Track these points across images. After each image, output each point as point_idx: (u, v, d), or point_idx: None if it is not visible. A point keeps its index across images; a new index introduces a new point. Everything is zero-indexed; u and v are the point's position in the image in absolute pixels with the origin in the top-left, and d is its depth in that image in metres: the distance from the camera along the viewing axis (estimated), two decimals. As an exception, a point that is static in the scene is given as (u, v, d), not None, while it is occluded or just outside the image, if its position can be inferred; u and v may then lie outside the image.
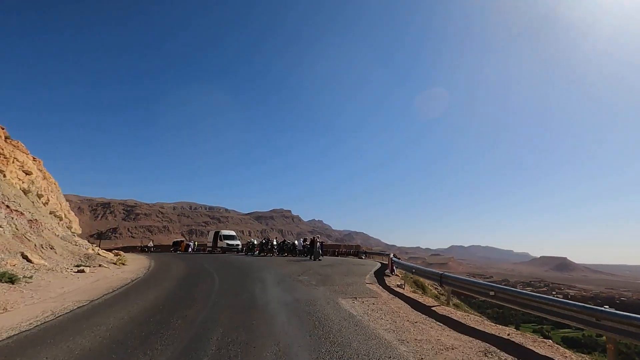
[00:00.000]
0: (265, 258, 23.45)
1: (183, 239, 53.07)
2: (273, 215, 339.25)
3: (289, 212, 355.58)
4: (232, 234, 35.77)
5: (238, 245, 33.41)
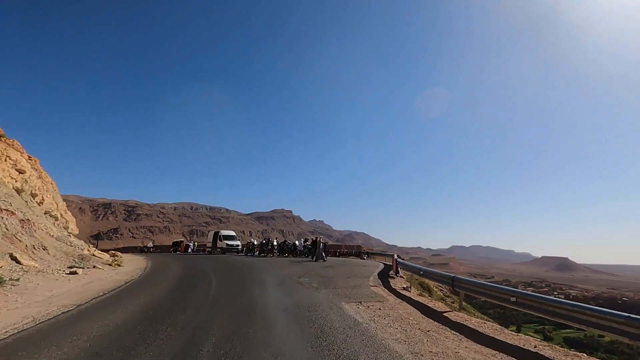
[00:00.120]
0: (266, 259, 22.92)
1: (183, 240, 52.57)
2: (274, 216, 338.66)
3: (290, 212, 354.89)
4: (231, 234, 35.22)
5: (238, 246, 32.87)
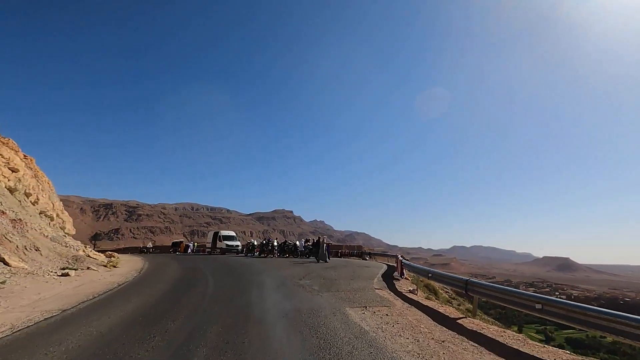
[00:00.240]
0: (266, 259, 22.43)
1: (182, 240, 52.08)
2: (275, 216, 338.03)
3: (291, 212, 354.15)
4: (231, 235, 34.74)
5: (238, 246, 32.40)
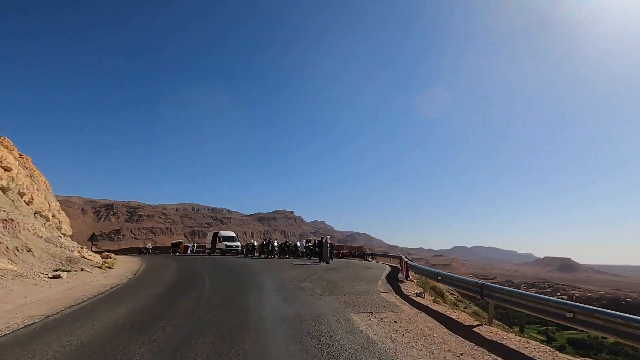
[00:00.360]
0: (266, 260, 21.95)
1: (182, 241, 51.71)
2: (275, 216, 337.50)
3: (292, 213, 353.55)
4: (231, 235, 34.25)
5: (238, 247, 31.94)
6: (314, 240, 23.72)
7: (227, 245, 31.28)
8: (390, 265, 18.78)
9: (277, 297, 8.62)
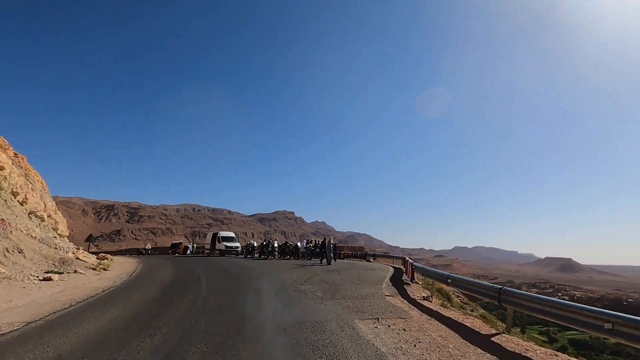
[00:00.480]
0: (266, 261, 21.43)
1: (181, 241, 51.19)
2: (276, 217, 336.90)
3: (292, 213, 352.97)
4: (231, 236, 33.74)
5: (237, 248, 31.42)
6: (315, 241, 23.24)
7: (226, 246, 30.79)
8: (394, 267, 18.29)
9: (276, 301, 8.12)
